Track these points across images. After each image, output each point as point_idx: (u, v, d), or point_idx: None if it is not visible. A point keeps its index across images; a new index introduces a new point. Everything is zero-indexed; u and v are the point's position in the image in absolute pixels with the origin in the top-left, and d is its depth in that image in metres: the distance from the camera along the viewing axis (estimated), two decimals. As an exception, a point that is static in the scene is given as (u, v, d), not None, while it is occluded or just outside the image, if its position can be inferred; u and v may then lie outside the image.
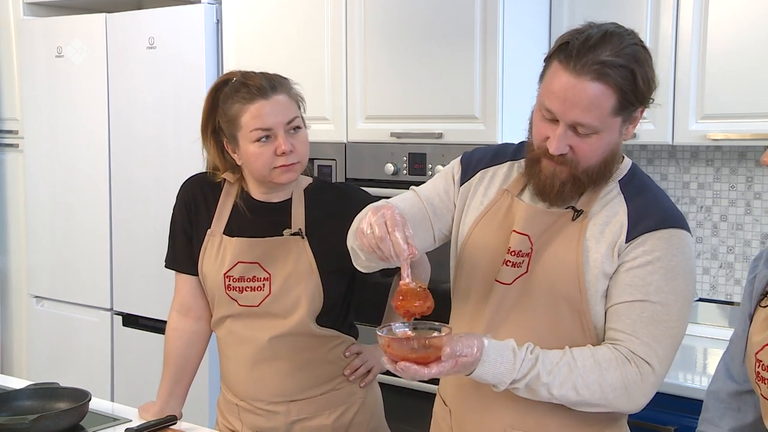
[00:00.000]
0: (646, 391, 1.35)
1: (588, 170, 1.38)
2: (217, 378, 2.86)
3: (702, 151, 2.60)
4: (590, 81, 1.30)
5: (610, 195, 1.42)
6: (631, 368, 1.33)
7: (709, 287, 2.62)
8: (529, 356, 1.32)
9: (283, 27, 2.74)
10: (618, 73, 1.30)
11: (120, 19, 3.08)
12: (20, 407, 1.76)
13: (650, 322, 1.34)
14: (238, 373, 1.80)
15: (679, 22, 2.29)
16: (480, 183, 1.53)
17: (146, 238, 3.05)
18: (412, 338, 1.28)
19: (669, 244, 1.36)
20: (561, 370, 1.32)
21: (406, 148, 2.50)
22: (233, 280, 1.74)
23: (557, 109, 1.33)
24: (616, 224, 1.38)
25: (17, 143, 3.54)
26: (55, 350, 3.39)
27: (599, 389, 1.32)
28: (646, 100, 1.36)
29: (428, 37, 2.44)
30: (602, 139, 1.35)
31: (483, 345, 1.30)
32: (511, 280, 1.43)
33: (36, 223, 3.42)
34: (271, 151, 1.67)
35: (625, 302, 1.36)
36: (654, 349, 1.34)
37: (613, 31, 1.34)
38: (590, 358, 1.33)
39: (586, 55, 1.30)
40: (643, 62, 1.34)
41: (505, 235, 1.45)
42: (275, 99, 1.66)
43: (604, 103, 1.31)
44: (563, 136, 1.34)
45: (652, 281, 1.35)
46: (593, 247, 1.38)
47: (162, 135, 2.98)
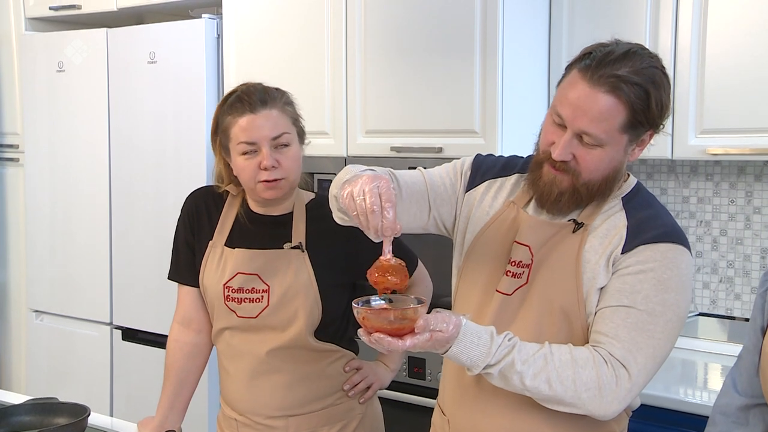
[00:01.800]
0: (619, 396, 1.32)
1: (588, 184, 1.39)
2: (217, 393, 2.86)
3: (701, 165, 2.61)
4: (604, 93, 1.32)
5: (612, 210, 1.43)
6: (607, 370, 1.32)
7: (709, 302, 2.62)
8: (506, 343, 1.32)
9: (283, 41, 2.75)
10: (632, 91, 1.32)
11: (121, 34, 3.09)
12: (19, 423, 1.76)
13: (633, 328, 1.33)
14: (237, 387, 1.79)
15: (677, 37, 2.31)
16: (486, 193, 1.54)
17: (146, 252, 3.05)
18: (388, 310, 1.29)
19: (664, 257, 1.36)
20: (536, 362, 1.31)
21: (406, 162, 2.51)
22: (232, 291, 1.75)
23: (567, 115, 1.35)
24: (614, 237, 1.39)
25: (18, 157, 3.55)
26: (55, 365, 3.38)
27: (573, 385, 1.31)
28: (656, 124, 1.37)
29: (428, 51, 2.45)
30: (606, 154, 1.36)
31: (460, 323, 1.30)
32: (511, 291, 1.44)
33: (36, 237, 3.42)
34: (255, 165, 1.68)
35: (612, 306, 1.36)
36: (633, 355, 1.33)
37: (636, 51, 1.36)
38: (567, 354, 1.33)
39: (605, 68, 1.32)
40: (659, 86, 1.35)
41: (508, 246, 1.46)
42: (263, 113, 1.68)
43: (613, 117, 1.33)
44: (568, 143, 1.36)
45: (642, 289, 1.34)
46: (591, 260, 1.39)
47: (162, 149, 2.98)
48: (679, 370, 2.33)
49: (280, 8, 2.76)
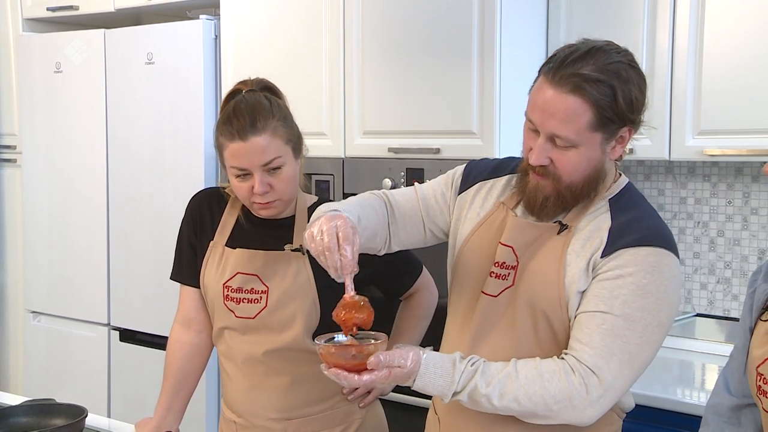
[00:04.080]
0: (592, 403, 1.32)
1: (571, 186, 1.38)
2: (215, 395, 2.86)
3: (699, 166, 2.61)
4: (567, 93, 1.32)
5: (598, 211, 1.42)
6: (575, 379, 1.31)
7: (707, 302, 2.62)
8: (469, 368, 1.32)
9: (281, 42, 2.75)
10: (596, 88, 1.31)
11: (119, 35, 3.09)
12: (16, 424, 1.75)
13: (608, 334, 1.32)
14: (236, 389, 1.79)
15: (675, 39, 2.31)
16: (477, 194, 1.54)
17: (144, 253, 3.05)
18: (346, 347, 1.32)
19: (644, 261, 1.34)
20: (502, 382, 1.31)
21: (403, 163, 2.51)
22: (231, 291, 1.75)
23: (537, 119, 1.36)
24: (596, 239, 1.38)
25: (15, 158, 3.54)
26: (52, 366, 3.38)
27: (542, 400, 1.31)
28: (629, 120, 1.35)
29: (426, 52, 2.45)
30: (582, 154, 1.35)
31: (419, 357, 1.31)
32: (497, 293, 1.44)
33: (33, 238, 3.42)
34: (248, 188, 1.67)
35: (589, 312, 1.35)
36: (605, 361, 1.32)
37: (601, 47, 1.35)
38: (533, 370, 1.33)
39: (567, 68, 1.32)
40: (626, 81, 1.33)
41: (495, 248, 1.46)
42: (253, 141, 1.63)
43: (580, 117, 1.32)
44: (543, 147, 1.36)
45: (620, 295, 1.33)
46: (573, 262, 1.38)
47: (160, 150, 2.98)
48: (676, 370, 2.33)
49: (278, 9, 2.76)
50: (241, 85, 1.74)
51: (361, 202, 1.51)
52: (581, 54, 1.33)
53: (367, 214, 1.47)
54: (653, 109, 2.34)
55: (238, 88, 1.74)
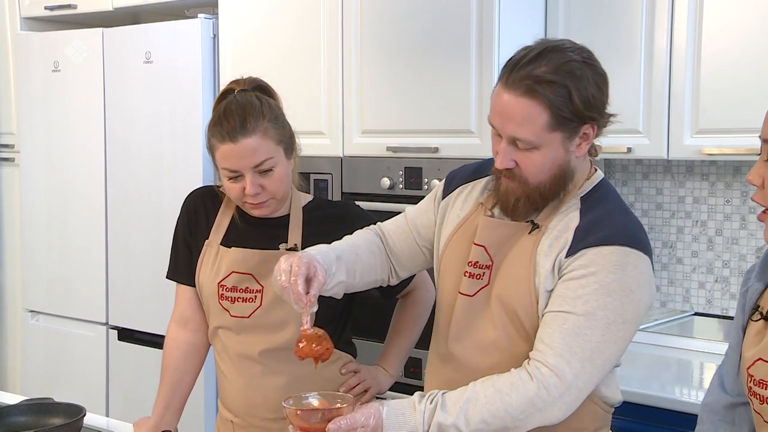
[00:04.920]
0: (558, 402, 1.33)
1: (539, 187, 1.39)
2: (212, 394, 2.86)
3: (697, 165, 2.61)
4: (521, 96, 1.33)
5: (569, 210, 1.42)
6: (532, 386, 1.32)
7: (705, 301, 2.62)
8: (429, 406, 1.33)
9: (279, 41, 2.75)
10: (550, 89, 1.32)
11: (117, 34, 3.09)
12: (14, 423, 1.75)
13: (569, 333, 1.33)
14: (233, 389, 1.79)
15: (673, 38, 2.31)
16: (458, 197, 1.56)
17: (142, 252, 3.04)
18: (311, 411, 1.36)
19: (607, 261, 1.34)
20: (464, 408, 1.33)
21: (402, 162, 2.51)
22: (226, 290, 1.75)
23: (497, 124, 1.38)
24: (562, 240, 1.39)
25: (13, 157, 3.54)
26: (50, 365, 3.38)
27: (507, 414, 1.32)
28: (588, 118, 1.35)
29: (424, 51, 2.45)
30: (544, 155, 1.36)
31: (380, 413, 1.32)
32: (473, 292, 1.45)
33: (31, 237, 3.41)
34: (240, 189, 1.67)
35: (552, 312, 1.36)
36: (567, 361, 1.32)
37: (555, 47, 1.36)
38: (491, 388, 1.34)
39: (520, 71, 1.34)
40: (581, 78, 1.33)
41: (470, 248, 1.47)
42: (243, 143, 1.63)
43: (536, 119, 1.33)
44: (506, 151, 1.38)
45: (582, 294, 1.34)
46: (541, 262, 1.39)
47: (158, 149, 2.98)
48: (674, 369, 2.33)
49: (276, 8, 2.75)
50: (233, 84, 1.74)
51: (349, 241, 1.58)
52: (534, 56, 1.34)
53: (355, 250, 1.54)
54: (651, 108, 2.35)
55: (231, 88, 1.73)
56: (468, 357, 1.45)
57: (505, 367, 1.39)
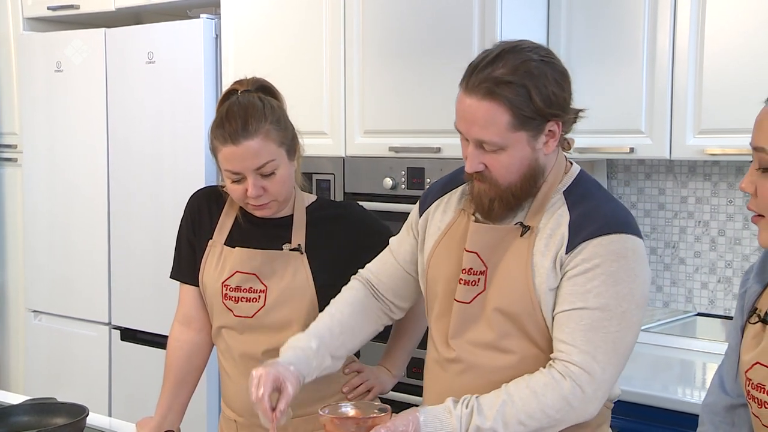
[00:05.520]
0: (591, 399, 1.35)
1: (510, 187, 1.41)
2: (215, 395, 2.86)
3: (700, 165, 2.61)
4: (481, 99, 1.35)
5: (555, 206, 1.43)
6: (567, 384, 1.34)
7: (708, 302, 2.62)
8: (465, 411, 1.34)
9: (281, 41, 2.75)
10: (508, 90, 1.34)
11: (119, 34, 3.09)
12: (17, 423, 1.75)
13: (589, 329, 1.35)
14: (236, 388, 1.79)
15: (676, 38, 2.31)
16: (436, 210, 1.57)
17: (144, 252, 3.05)
18: (347, 419, 1.37)
19: (607, 250, 1.36)
20: (500, 411, 1.33)
21: (404, 162, 2.51)
22: (230, 290, 1.75)
23: (462, 128, 1.40)
24: (558, 236, 1.40)
25: (16, 157, 3.54)
26: (53, 365, 3.38)
27: (543, 415, 1.34)
28: (550, 115, 1.37)
29: (426, 51, 2.45)
30: (512, 156, 1.38)
31: (417, 420, 1.33)
32: (469, 299, 1.45)
33: (34, 237, 3.42)
34: (242, 190, 1.67)
35: (566, 311, 1.37)
36: (593, 356, 1.34)
37: (512, 48, 1.37)
38: (525, 389, 1.35)
39: (479, 74, 1.36)
40: (539, 77, 1.35)
41: (461, 254, 1.48)
42: (245, 145, 1.63)
43: (498, 120, 1.35)
44: (474, 154, 1.40)
45: (592, 288, 1.36)
46: (539, 263, 1.40)
47: (160, 149, 2.98)
48: (677, 370, 2.33)
49: (279, 8, 2.76)
50: (236, 85, 1.74)
51: (332, 310, 1.59)
52: (492, 58, 1.36)
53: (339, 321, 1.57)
54: (654, 108, 2.35)
55: (234, 89, 1.73)
56: (470, 359, 1.45)
57: (508, 370, 1.40)
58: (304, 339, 1.54)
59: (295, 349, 1.52)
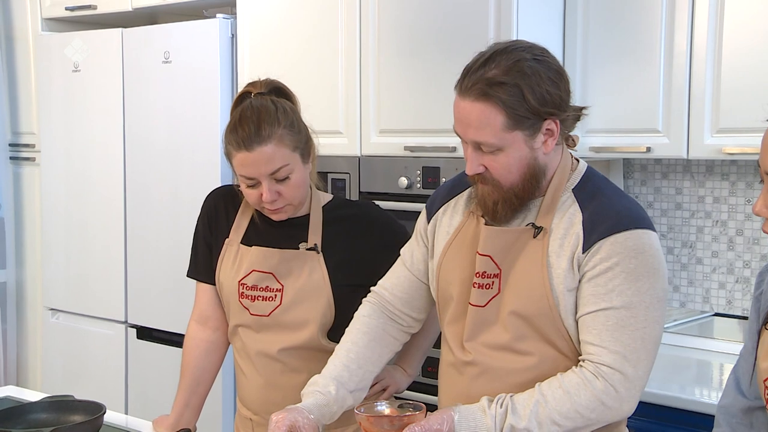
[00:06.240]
0: (625, 397, 1.36)
1: (513, 188, 1.41)
2: (231, 393, 2.87)
3: (717, 165, 2.59)
4: (475, 101, 1.35)
5: (565, 205, 1.43)
6: (599, 384, 1.34)
7: (726, 302, 2.60)
8: (499, 410, 1.34)
9: (297, 41, 2.76)
10: (501, 90, 1.34)
11: (136, 34, 3.11)
12: (36, 420, 1.76)
13: (616, 328, 1.35)
14: (252, 387, 1.80)
15: (693, 36, 2.29)
16: (444, 215, 1.57)
17: (160, 252, 3.06)
18: (382, 417, 1.38)
19: (624, 247, 1.36)
20: (534, 411, 1.34)
21: (419, 161, 2.51)
22: (247, 288, 1.75)
23: (459, 131, 1.40)
24: (572, 236, 1.39)
25: (34, 157, 3.57)
26: (70, 363, 3.41)
27: (577, 415, 1.34)
28: (546, 113, 1.36)
29: (442, 51, 2.45)
30: (510, 156, 1.38)
31: (452, 419, 1.34)
32: (484, 302, 1.45)
33: (51, 236, 3.44)
34: (258, 195, 1.68)
35: (591, 312, 1.37)
36: (624, 356, 1.35)
37: (504, 49, 1.38)
38: (559, 389, 1.35)
39: (472, 76, 1.36)
40: (532, 76, 1.34)
41: (473, 258, 1.47)
42: (259, 151, 1.63)
43: (493, 121, 1.35)
44: (473, 156, 1.40)
45: (614, 287, 1.36)
46: (555, 263, 1.39)
47: (176, 149, 3.00)
48: (694, 370, 2.31)
49: (294, 8, 2.76)
50: (250, 87, 1.73)
51: (346, 345, 1.58)
52: (484, 59, 1.37)
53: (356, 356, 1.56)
54: (671, 107, 2.33)
55: (247, 91, 1.72)
56: (486, 361, 1.45)
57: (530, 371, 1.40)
58: (323, 383, 1.53)
59: (315, 395, 1.51)
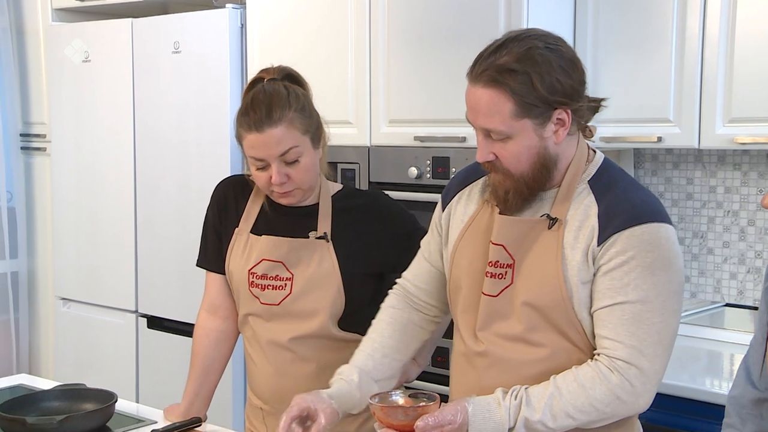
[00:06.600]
0: (641, 392, 1.35)
1: (523, 177, 1.40)
2: (241, 382, 2.89)
3: (729, 155, 2.58)
4: (484, 87, 1.35)
5: (581, 196, 1.41)
6: (615, 378, 1.34)
7: (737, 292, 2.59)
8: (514, 402, 1.34)
9: (306, 31, 2.75)
10: (511, 78, 1.33)
11: (146, 24, 3.11)
12: (48, 408, 1.78)
13: (632, 323, 1.34)
14: (262, 375, 1.81)
15: (706, 23, 2.27)
16: (458, 203, 1.56)
17: (170, 241, 3.07)
18: (396, 408, 1.37)
19: (640, 241, 1.35)
20: (548, 403, 1.33)
21: (429, 151, 2.50)
22: (257, 277, 1.76)
23: (470, 118, 1.40)
24: (587, 228, 1.38)
25: (45, 147, 3.59)
26: (81, 352, 3.43)
27: (592, 408, 1.34)
28: (555, 102, 1.35)
29: (452, 40, 2.44)
30: (519, 144, 1.37)
31: (466, 410, 1.34)
32: (497, 292, 1.44)
33: (62, 225, 3.46)
34: (267, 178, 1.69)
35: (606, 307, 1.36)
36: (639, 350, 1.34)
37: (517, 36, 1.37)
38: (573, 383, 1.35)
39: (482, 63, 1.37)
40: (542, 64, 1.34)
41: (487, 247, 1.46)
42: (269, 133, 1.64)
43: (501, 108, 1.34)
44: (483, 143, 1.39)
45: (630, 281, 1.34)
46: (569, 255, 1.38)
47: (186, 139, 3.00)
48: (705, 360, 2.31)
49: (304, -3, 2.76)
50: (263, 73, 1.75)
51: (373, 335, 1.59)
52: (497, 46, 1.37)
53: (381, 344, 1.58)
54: (683, 96, 2.32)
55: (260, 77, 1.74)
56: (498, 353, 1.44)
57: (543, 362, 1.40)
58: (347, 372, 1.55)
59: (339, 383, 1.53)
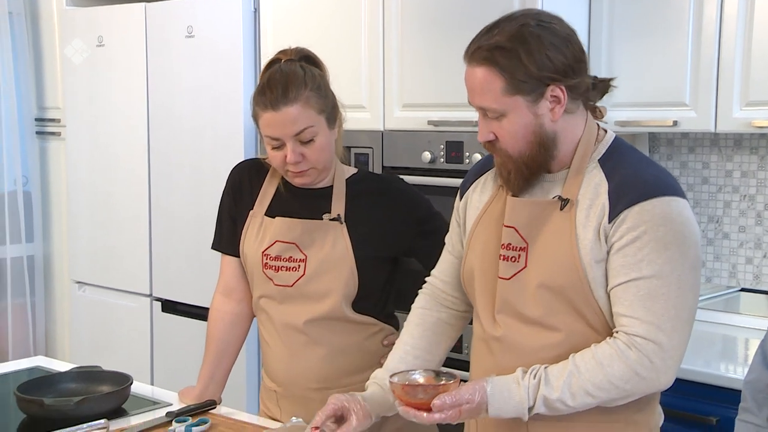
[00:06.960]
0: (661, 368, 1.34)
1: (521, 156, 1.41)
2: (255, 365, 2.90)
3: (746, 139, 2.55)
4: (476, 66, 1.39)
5: (591, 175, 1.41)
6: (633, 354, 1.33)
7: (753, 277, 2.57)
8: (533, 381, 1.35)
9: (320, 15, 2.74)
10: (501, 55, 1.36)
11: (159, 9, 3.11)
12: (65, 389, 1.80)
13: (648, 298, 1.33)
14: (276, 358, 1.81)
15: (723, 5, 2.24)
16: (474, 191, 1.57)
17: (185, 225, 3.08)
18: (415, 386, 1.38)
19: (651, 215, 1.34)
20: (567, 382, 1.33)
21: (443, 136, 2.49)
22: (270, 259, 1.77)
23: (469, 98, 1.43)
24: (598, 206, 1.38)
25: (59, 131, 3.60)
26: (97, 334, 3.46)
27: (611, 385, 1.34)
28: (547, 79, 1.36)
29: (466, 25, 2.41)
30: (514, 122, 1.38)
31: (484, 389, 1.34)
32: (510, 275, 1.44)
33: (77, 209, 3.48)
34: (282, 157, 1.69)
35: (621, 284, 1.35)
36: (657, 326, 1.33)
37: (510, 16, 1.40)
38: (591, 360, 1.34)
39: (476, 43, 1.40)
40: (532, 41, 1.35)
41: (500, 231, 1.47)
42: (284, 111, 1.65)
43: (493, 86, 1.37)
44: (482, 123, 1.42)
45: (643, 257, 1.34)
46: (582, 234, 1.38)
47: (200, 123, 3.00)
48: (720, 345, 2.30)
49: (317, -19, 2.74)
50: (280, 54, 1.76)
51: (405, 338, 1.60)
52: (490, 26, 1.40)
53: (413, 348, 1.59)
54: (699, 80, 2.29)
55: (278, 58, 1.75)
56: (515, 337, 1.44)
57: (559, 346, 1.39)
58: (380, 376, 1.56)
59: (373, 386, 1.55)
